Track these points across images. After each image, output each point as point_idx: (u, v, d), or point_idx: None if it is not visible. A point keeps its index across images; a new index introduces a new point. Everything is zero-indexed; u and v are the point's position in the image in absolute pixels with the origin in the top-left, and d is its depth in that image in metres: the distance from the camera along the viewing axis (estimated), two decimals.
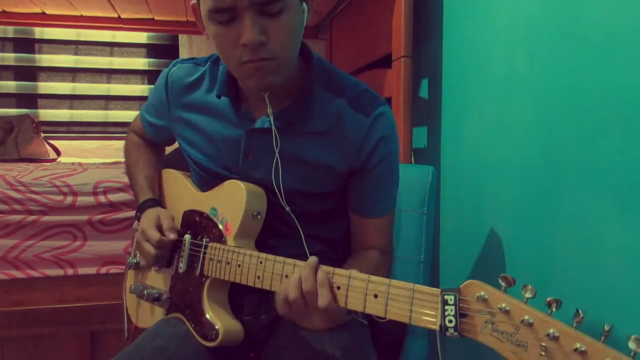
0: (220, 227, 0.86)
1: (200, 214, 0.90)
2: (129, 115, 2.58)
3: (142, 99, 2.58)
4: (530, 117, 1.02)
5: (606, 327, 0.46)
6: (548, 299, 0.50)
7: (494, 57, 1.15)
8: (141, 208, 0.97)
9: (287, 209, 0.84)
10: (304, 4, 0.76)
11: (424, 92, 1.52)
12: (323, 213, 0.90)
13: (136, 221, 0.97)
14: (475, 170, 1.23)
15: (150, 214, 0.93)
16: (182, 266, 0.89)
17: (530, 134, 1.02)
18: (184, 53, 2.54)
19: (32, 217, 1.47)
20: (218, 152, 0.88)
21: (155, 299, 0.93)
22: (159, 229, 0.90)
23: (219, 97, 0.86)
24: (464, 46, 1.29)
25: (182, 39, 2.55)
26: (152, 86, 1.01)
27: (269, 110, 0.81)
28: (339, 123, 0.83)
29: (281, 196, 0.83)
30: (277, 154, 0.82)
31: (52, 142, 2.26)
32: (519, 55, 1.05)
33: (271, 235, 0.88)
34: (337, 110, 0.83)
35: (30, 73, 2.47)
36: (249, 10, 0.69)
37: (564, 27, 0.92)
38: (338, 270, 0.68)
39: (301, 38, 0.78)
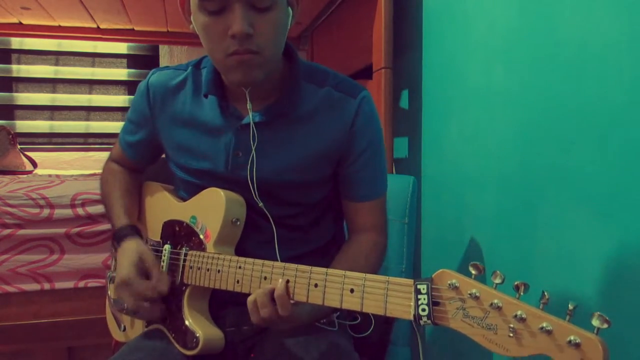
0: (200, 235, 0.85)
1: (180, 223, 0.90)
2: (110, 126, 2.56)
3: (123, 109, 2.56)
4: (508, 128, 1.04)
5: (570, 306, 0.48)
6: (515, 283, 0.51)
7: (472, 69, 1.17)
8: (117, 237, 0.91)
9: (260, 204, 0.84)
10: (290, 9, 0.79)
11: (404, 103, 1.54)
12: (309, 211, 0.91)
13: (113, 249, 0.93)
14: (456, 180, 1.25)
15: (128, 254, 0.86)
16: None
17: (508, 144, 1.04)
18: (164, 63, 2.53)
19: (7, 231, 1.44)
20: (207, 155, 0.88)
21: (136, 312, 0.91)
22: (143, 273, 0.85)
23: (205, 96, 0.87)
24: (443, 58, 1.31)
25: (163, 49, 2.54)
26: (133, 97, 0.98)
27: (249, 106, 0.82)
28: (327, 104, 0.85)
29: (254, 191, 0.84)
30: (253, 151, 0.83)
31: (29, 153, 2.22)
32: (497, 67, 1.07)
33: (253, 237, 0.88)
34: (324, 96, 0.85)
35: (7, 84, 2.43)
36: (239, 2, 0.71)
37: (539, 41, 0.94)
38: (315, 269, 0.69)
39: (285, 39, 0.80)
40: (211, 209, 0.84)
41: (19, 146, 2.17)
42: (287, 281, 0.70)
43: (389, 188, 0.94)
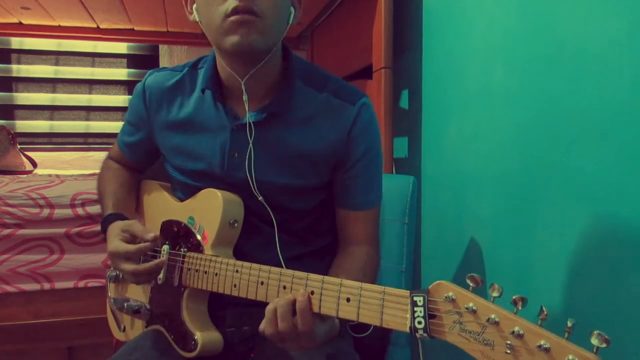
0: (198, 236, 0.85)
1: (178, 223, 0.89)
2: (110, 126, 2.56)
3: (123, 109, 2.56)
4: (508, 127, 1.03)
5: (569, 324, 0.47)
6: (514, 297, 0.50)
7: (472, 69, 1.17)
8: (102, 227, 0.91)
9: (260, 198, 0.84)
10: (292, 7, 0.80)
11: (404, 103, 1.54)
12: (306, 215, 0.90)
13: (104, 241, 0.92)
14: (455, 180, 1.25)
15: (112, 231, 0.86)
16: (161, 277, 0.88)
17: (508, 144, 1.04)
18: (164, 63, 2.53)
19: (7, 231, 1.44)
20: (203, 155, 0.88)
21: (136, 312, 0.91)
22: (131, 239, 0.84)
23: (203, 91, 0.86)
24: (443, 58, 1.31)
25: (163, 49, 2.54)
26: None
27: (245, 97, 0.81)
28: (325, 110, 0.84)
29: (254, 186, 0.83)
30: (250, 145, 0.83)
31: (29, 153, 2.22)
32: (496, 67, 1.07)
33: (251, 239, 0.87)
34: (322, 101, 0.85)
35: (7, 84, 2.43)
36: None
37: (539, 40, 0.94)
38: (312, 276, 0.68)
39: (284, 25, 0.80)
40: (208, 210, 0.84)
41: (19, 146, 2.17)
42: (312, 292, 0.67)
43: (388, 188, 0.94)
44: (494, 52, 1.08)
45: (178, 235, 0.89)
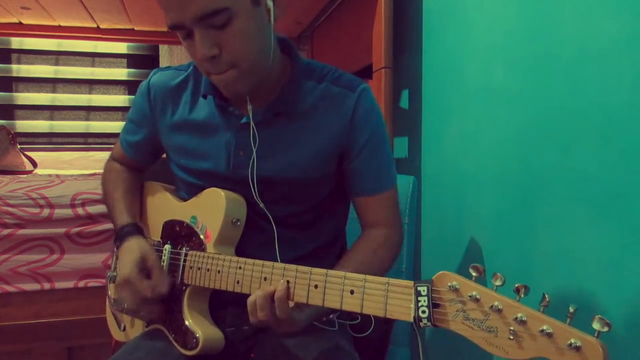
0: (200, 235, 0.86)
1: (181, 223, 0.90)
2: (110, 126, 2.56)
3: (123, 109, 2.56)
4: (508, 128, 1.04)
5: (571, 309, 0.48)
6: (516, 285, 0.51)
7: (472, 69, 1.17)
8: (119, 235, 0.91)
9: (261, 205, 0.84)
10: (269, 1, 0.75)
11: (404, 103, 1.54)
12: (309, 211, 0.90)
13: (115, 248, 0.93)
14: (456, 180, 1.25)
15: (130, 253, 0.86)
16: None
17: (508, 144, 1.04)
18: (164, 63, 2.54)
19: (7, 231, 1.44)
20: (208, 154, 0.88)
21: (136, 311, 0.91)
22: (144, 272, 0.85)
23: (204, 96, 0.87)
24: (443, 58, 1.31)
25: (163, 49, 2.54)
26: (132, 97, 0.98)
27: (249, 107, 0.82)
28: (326, 100, 0.84)
29: (254, 189, 0.84)
30: (254, 151, 0.83)
31: (29, 153, 2.22)
32: (497, 67, 1.07)
33: (254, 237, 0.88)
34: (323, 91, 0.85)
35: (7, 84, 2.44)
36: (196, 27, 0.71)
37: (539, 41, 0.94)
38: (315, 270, 0.69)
39: (265, 38, 0.77)
40: (211, 209, 0.84)
41: (19, 146, 2.17)
42: (288, 282, 0.70)
43: None
44: (494, 52, 1.08)
45: (180, 234, 0.89)
